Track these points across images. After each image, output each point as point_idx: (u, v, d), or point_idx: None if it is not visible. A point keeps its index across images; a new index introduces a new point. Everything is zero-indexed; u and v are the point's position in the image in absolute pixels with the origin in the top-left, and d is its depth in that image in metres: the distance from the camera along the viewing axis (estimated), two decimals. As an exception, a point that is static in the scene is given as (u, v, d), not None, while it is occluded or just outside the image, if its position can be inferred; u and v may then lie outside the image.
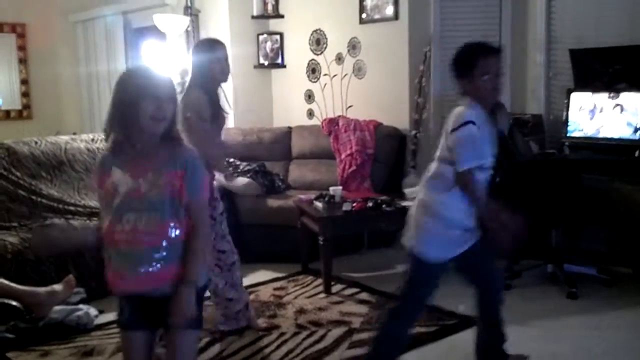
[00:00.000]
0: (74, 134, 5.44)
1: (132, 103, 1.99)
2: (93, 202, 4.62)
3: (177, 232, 2.04)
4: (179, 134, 2.12)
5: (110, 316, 3.75)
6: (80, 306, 3.74)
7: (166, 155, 2.06)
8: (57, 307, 3.64)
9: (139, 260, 2.02)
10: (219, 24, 6.03)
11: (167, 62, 5.73)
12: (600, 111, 4.41)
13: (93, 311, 3.75)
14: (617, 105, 4.32)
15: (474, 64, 2.54)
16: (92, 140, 5.02)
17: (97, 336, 3.55)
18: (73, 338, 3.52)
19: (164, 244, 2.02)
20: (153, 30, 5.88)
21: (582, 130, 4.51)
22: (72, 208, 4.49)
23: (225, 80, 3.35)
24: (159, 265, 2.02)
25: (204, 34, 6.01)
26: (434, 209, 2.60)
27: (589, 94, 4.50)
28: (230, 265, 3.42)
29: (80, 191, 4.67)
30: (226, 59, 3.35)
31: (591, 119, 4.45)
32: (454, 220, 2.57)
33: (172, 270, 2.04)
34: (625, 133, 4.26)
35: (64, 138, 4.97)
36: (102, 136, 5.00)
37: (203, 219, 2.15)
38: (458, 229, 2.58)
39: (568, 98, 4.59)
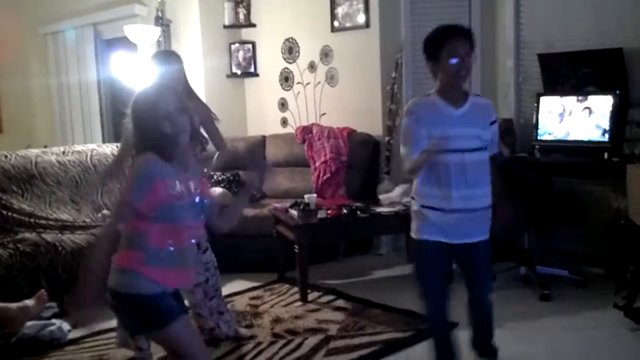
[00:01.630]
0: (45, 146, 5.37)
1: (154, 124, 2.12)
2: (65, 216, 4.58)
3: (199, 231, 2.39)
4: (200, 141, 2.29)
5: (84, 330, 3.71)
6: (53, 321, 3.68)
7: (199, 163, 2.33)
8: (29, 323, 3.58)
9: (185, 257, 2.22)
10: (190, 34, 6.01)
11: (139, 73, 5.69)
12: (570, 114, 4.47)
13: (66, 326, 3.69)
14: (586, 108, 4.39)
15: (441, 45, 2.58)
16: (63, 152, 4.96)
17: (70, 351, 3.50)
18: (46, 353, 3.46)
19: (194, 241, 2.32)
20: (124, 42, 5.83)
21: (552, 133, 4.57)
22: (43, 222, 4.42)
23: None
24: (191, 260, 2.29)
25: (175, 44, 5.99)
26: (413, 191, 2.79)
27: (558, 97, 4.57)
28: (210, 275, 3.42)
29: (52, 205, 4.62)
30: (180, 71, 3.38)
31: (560, 122, 4.51)
32: (425, 200, 2.70)
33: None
34: (595, 135, 4.32)
35: (34, 151, 4.90)
36: (74, 148, 5.02)
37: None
38: (432, 210, 2.67)
39: (538, 102, 4.66)
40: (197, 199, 2.24)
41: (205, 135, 3.44)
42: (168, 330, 2.14)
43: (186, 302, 3.12)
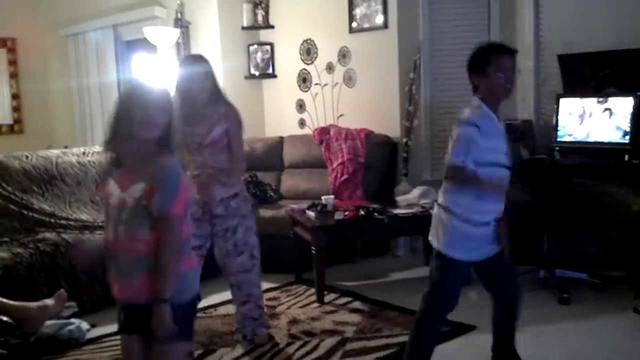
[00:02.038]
0: (65, 147, 5.43)
1: (123, 112, 2.11)
2: (85, 216, 4.62)
3: (143, 245, 2.09)
4: (173, 147, 2.16)
5: (103, 330, 3.75)
6: (72, 320, 3.71)
7: (153, 167, 2.11)
8: (48, 322, 3.62)
9: (123, 270, 2.14)
10: (209, 35, 6.04)
11: (158, 74, 5.74)
12: (590, 116, 4.43)
13: (85, 325, 3.73)
14: (606, 109, 4.34)
15: (489, 59, 2.63)
16: (84, 153, 5.01)
17: (89, 350, 3.53)
18: (65, 352, 3.49)
19: (137, 255, 2.10)
20: (144, 43, 5.89)
21: (571, 135, 4.52)
22: (63, 222, 4.47)
23: (201, 96, 3.35)
24: (135, 276, 2.10)
25: (194, 46, 6.02)
26: (446, 206, 2.71)
27: (577, 99, 4.52)
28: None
29: (72, 205, 4.67)
30: (207, 75, 3.39)
31: (580, 123, 4.47)
32: (461, 215, 2.66)
33: (145, 282, 2.09)
34: (615, 137, 4.27)
35: (55, 152, 4.96)
36: (94, 149, 5.07)
37: (169, 234, 2.10)
38: (467, 224, 2.66)
39: (557, 103, 4.61)
40: (134, 209, 2.09)
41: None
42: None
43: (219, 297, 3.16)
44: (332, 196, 4.66)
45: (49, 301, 3.72)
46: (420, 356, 2.80)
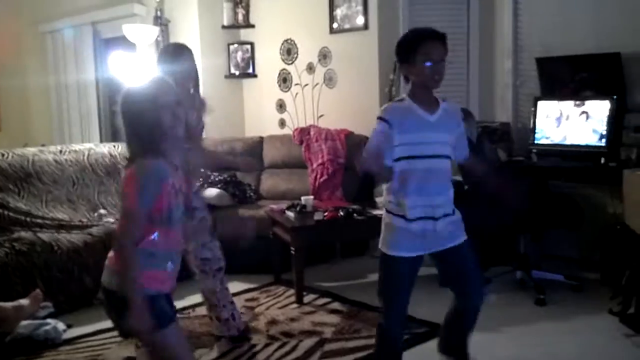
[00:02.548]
0: (43, 145, 5.37)
1: (153, 116, 2.04)
2: (61, 215, 4.57)
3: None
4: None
5: (79, 330, 3.71)
6: (48, 320, 3.67)
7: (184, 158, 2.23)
8: (24, 322, 3.57)
9: (178, 262, 2.22)
10: (189, 34, 6.01)
11: (137, 72, 5.69)
12: (567, 119, 4.48)
13: (61, 325, 3.69)
14: (583, 112, 4.39)
15: (416, 49, 2.52)
16: (60, 151, 4.96)
17: (65, 351, 3.49)
18: (41, 353, 3.45)
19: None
20: (122, 41, 5.83)
21: (549, 137, 4.57)
22: (39, 221, 4.42)
23: (188, 84, 3.29)
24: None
25: (174, 44, 5.98)
26: (384, 204, 2.74)
27: (555, 102, 4.57)
28: (215, 271, 3.42)
29: (48, 204, 4.61)
30: (192, 64, 3.32)
31: (558, 126, 4.52)
32: (392, 211, 2.66)
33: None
34: (591, 140, 4.33)
35: (31, 150, 4.90)
36: (71, 147, 5.01)
37: None
38: (398, 219, 2.62)
39: (535, 106, 4.66)
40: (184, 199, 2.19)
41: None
42: (159, 335, 2.09)
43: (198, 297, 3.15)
44: (312, 197, 4.66)
45: (25, 301, 3.68)
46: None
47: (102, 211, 4.75)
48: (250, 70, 6.23)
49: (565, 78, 4.60)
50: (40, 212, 4.52)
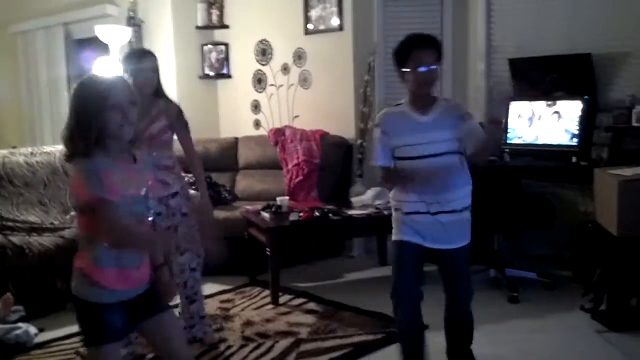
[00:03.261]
0: (14, 148, 5.29)
1: (99, 114, 1.98)
2: (33, 218, 4.51)
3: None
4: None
5: (51, 334, 3.66)
6: (20, 325, 3.61)
7: (138, 157, 2.15)
8: (-5, 327, 3.52)
9: (139, 257, 2.11)
10: (163, 35, 5.97)
11: (110, 73, 5.63)
12: (539, 119, 4.53)
13: (33, 330, 3.63)
14: (555, 113, 4.45)
15: (409, 55, 2.63)
16: (32, 154, 4.89)
17: (37, 355, 3.45)
18: (12, 358, 3.40)
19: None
20: (95, 42, 5.78)
21: (521, 137, 4.62)
22: (10, 224, 4.36)
23: (147, 90, 3.22)
24: (144, 261, 2.13)
25: (147, 45, 5.93)
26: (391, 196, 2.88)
27: (527, 102, 4.62)
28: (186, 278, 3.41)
29: (20, 207, 4.55)
30: (154, 70, 3.27)
31: (530, 126, 4.57)
32: (395, 206, 2.82)
33: (148, 265, 2.16)
34: (564, 140, 4.38)
35: (2, 152, 4.82)
36: (42, 150, 4.94)
37: None
38: (400, 212, 2.78)
39: (508, 106, 4.70)
40: (145, 197, 2.14)
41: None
42: (93, 351, 2.06)
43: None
44: (287, 197, 4.65)
45: (-5, 305, 3.63)
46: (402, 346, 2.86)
47: (74, 214, 4.69)
48: (225, 71, 6.20)
49: (538, 79, 4.65)
50: (12, 215, 4.46)
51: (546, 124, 4.48)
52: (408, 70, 2.63)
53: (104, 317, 2.03)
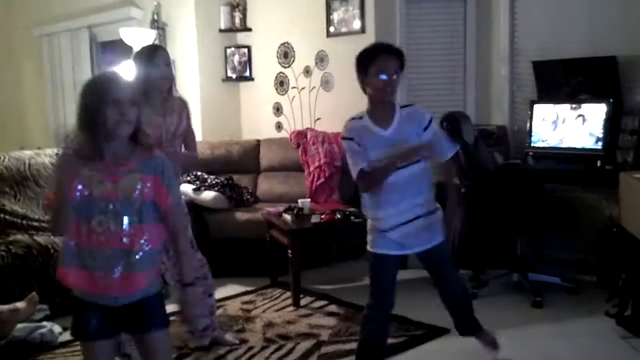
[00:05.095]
0: (39, 148, 5.36)
1: (96, 109, 2.00)
2: (58, 218, 4.55)
3: (151, 236, 2.08)
4: (146, 139, 2.13)
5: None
6: (44, 323, 3.66)
7: (141, 160, 2.09)
8: (19, 325, 3.56)
9: (108, 262, 2.03)
10: (186, 37, 6.01)
11: (133, 75, 5.69)
12: (563, 122, 4.49)
13: (57, 328, 3.68)
14: (579, 116, 4.41)
15: (372, 61, 2.62)
16: (57, 155, 4.94)
17: (61, 354, 3.48)
18: (36, 356, 3.44)
19: (141, 247, 2.05)
20: (119, 44, 5.84)
21: (545, 140, 4.58)
22: (36, 224, 4.41)
23: (165, 86, 3.24)
24: (135, 268, 2.04)
25: (171, 48, 5.97)
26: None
27: (551, 105, 4.59)
28: (195, 279, 3.38)
29: (45, 207, 4.60)
30: (167, 63, 3.26)
31: (554, 129, 4.53)
32: (373, 221, 2.79)
33: (149, 275, 2.10)
34: (588, 143, 4.34)
35: (27, 153, 4.89)
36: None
37: (181, 221, 2.31)
38: (375, 224, 2.76)
39: (531, 109, 4.67)
40: (136, 201, 2.05)
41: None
42: (81, 344, 2.15)
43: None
44: (309, 199, 4.66)
45: (21, 304, 3.66)
46: (369, 353, 2.85)
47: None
48: (247, 74, 6.23)
49: (562, 81, 4.61)
50: (37, 215, 4.51)
51: (570, 127, 4.44)
52: (368, 76, 2.62)
53: (80, 312, 2.13)
